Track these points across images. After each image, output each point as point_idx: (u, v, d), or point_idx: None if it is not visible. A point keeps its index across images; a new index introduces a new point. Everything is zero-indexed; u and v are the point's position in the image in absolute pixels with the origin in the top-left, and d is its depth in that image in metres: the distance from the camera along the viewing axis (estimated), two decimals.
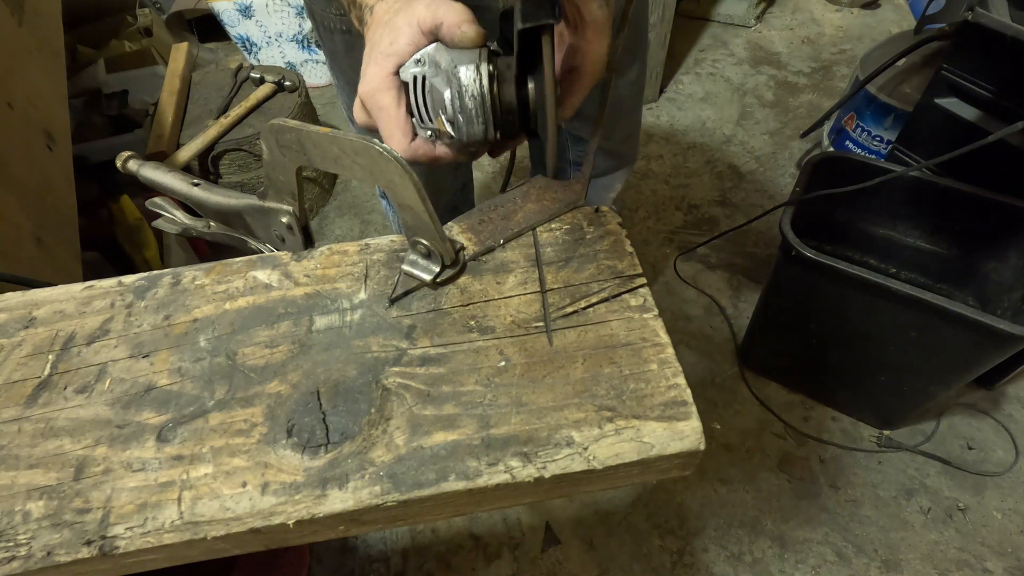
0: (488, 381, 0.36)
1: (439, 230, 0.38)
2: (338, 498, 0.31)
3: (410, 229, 0.39)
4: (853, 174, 1.17)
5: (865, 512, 1.17)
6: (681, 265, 1.61)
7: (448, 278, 0.41)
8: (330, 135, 0.35)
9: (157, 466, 0.33)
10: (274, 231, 0.44)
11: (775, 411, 1.31)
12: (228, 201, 0.44)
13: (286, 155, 0.38)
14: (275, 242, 0.45)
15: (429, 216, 0.37)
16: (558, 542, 1.17)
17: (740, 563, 1.13)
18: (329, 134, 0.35)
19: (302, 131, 0.36)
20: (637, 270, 0.41)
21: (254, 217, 0.44)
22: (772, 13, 2.43)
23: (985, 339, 0.93)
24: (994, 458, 1.23)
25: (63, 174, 1.05)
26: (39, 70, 1.04)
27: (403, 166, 0.34)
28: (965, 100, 1.13)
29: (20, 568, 0.30)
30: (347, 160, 0.36)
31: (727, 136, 1.96)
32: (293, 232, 0.43)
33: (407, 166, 0.34)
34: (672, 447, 0.32)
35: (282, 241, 0.44)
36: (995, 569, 1.09)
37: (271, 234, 0.44)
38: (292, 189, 0.40)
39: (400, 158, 0.34)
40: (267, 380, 0.37)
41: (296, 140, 0.37)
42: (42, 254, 0.91)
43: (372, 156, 0.34)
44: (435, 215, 0.37)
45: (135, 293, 0.42)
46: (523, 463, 0.32)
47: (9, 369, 0.38)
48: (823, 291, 1.07)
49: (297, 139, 0.36)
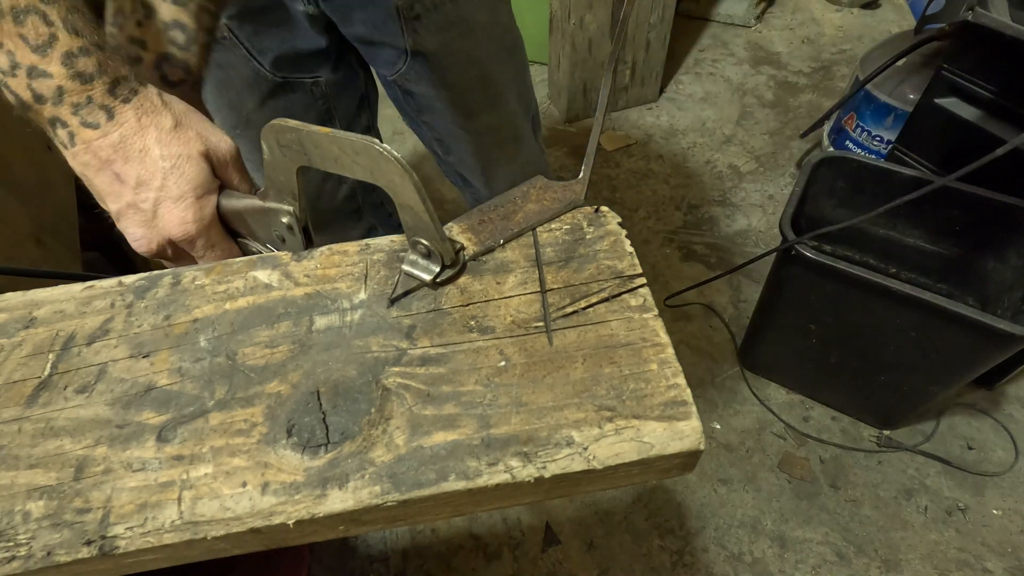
0: (488, 381, 0.36)
1: (439, 230, 0.38)
2: (338, 498, 0.31)
3: (410, 229, 0.39)
4: (854, 175, 1.17)
5: (865, 512, 1.17)
6: (681, 265, 1.61)
7: (448, 278, 0.41)
8: (331, 135, 0.35)
9: (157, 466, 0.33)
10: (274, 231, 0.44)
11: (775, 411, 1.32)
12: (229, 202, 0.44)
13: (286, 155, 0.38)
14: (275, 242, 0.45)
15: (429, 216, 0.37)
16: (558, 542, 1.17)
17: (740, 563, 1.13)
18: (330, 134, 0.35)
19: (302, 131, 0.36)
20: (637, 270, 0.41)
21: (254, 218, 0.44)
22: (772, 13, 2.43)
23: (985, 339, 0.93)
24: (994, 458, 1.23)
25: (63, 174, 1.05)
26: None
27: (403, 166, 0.34)
28: (965, 100, 1.13)
29: (20, 568, 0.30)
30: (347, 160, 0.36)
31: (727, 136, 1.96)
32: (294, 232, 0.43)
33: (407, 166, 0.34)
34: (672, 447, 0.32)
35: (282, 241, 0.44)
36: (995, 569, 1.09)
37: (271, 234, 0.44)
38: (292, 189, 0.40)
39: (400, 158, 0.34)
40: (267, 380, 0.37)
41: (296, 140, 0.37)
42: (42, 254, 0.91)
43: (373, 156, 0.34)
44: (435, 215, 0.37)
45: (135, 293, 0.42)
46: (523, 463, 0.32)
47: (9, 369, 0.38)
48: (823, 291, 1.07)
49: (297, 139, 0.36)
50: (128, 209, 0.41)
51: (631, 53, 1.93)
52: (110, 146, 0.39)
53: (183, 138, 0.40)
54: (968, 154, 0.87)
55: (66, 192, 1.04)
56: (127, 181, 0.39)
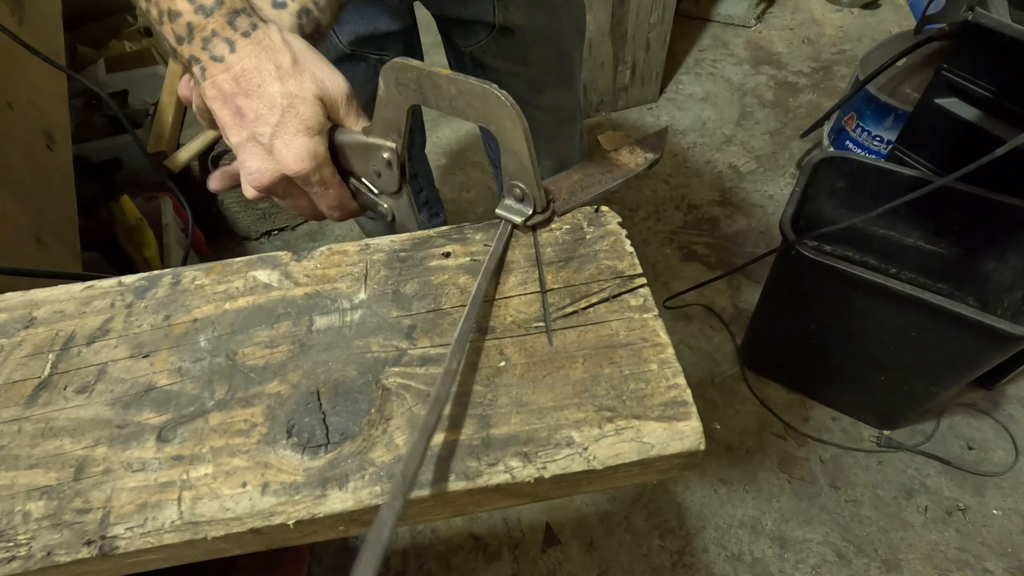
0: (488, 381, 0.36)
1: (538, 178, 0.41)
2: (338, 498, 0.31)
3: (509, 174, 0.41)
4: (854, 175, 1.17)
5: (865, 512, 1.17)
6: (681, 265, 1.61)
7: (536, 223, 0.43)
8: (451, 76, 0.37)
9: (157, 466, 0.33)
10: (372, 166, 0.45)
11: (775, 411, 1.31)
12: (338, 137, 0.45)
13: (402, 92, 0.40)
14: (371, 176, 0.46)
15: (532, 163, 0.39)
16: (558, 542, 1.17)
17: (740, 563, 1.13)
18: (451, 75, 0.37)
19: (423, 71, 0.38)
20: (637, 270, 0.41)
21: (356, 151, 0.45)
22: (772, 13, 2.43)
23: (985, 339, 0.93)
24: (994, 458, 1.23)
25: (63, 174, 1.05)
26: (39, 70, 1.04)
27: (518, 112, 0.36)
28: (965, 100, 1.13)
29: (20, 568, 0.30)
30: (462, 101, 0.38)
31: (727, 136, 1.96)
32: (391, 168, 0.44)
33: (520, 112, 0.36)
34: (672, 447, 0.32)
35: (378, 176, 0.46)
36: (995, 569, 1.09)
37: (369, 169, 0.46)
38: (400, 127, 0.42)
39: (514, 103, 0.36)
40: (267, 380, 0.37)
41: (415, 79, 0.39)
42: (42, 254, 0.91)
43: (490, 100, 0.36)
44: (536, 163, 0.40)
45: (135, 293, 0.42)
46: (523, 463, 0.32)
47: (9, 369, 0.38)
48: (823, 291, 1.07)
49: (416, 78, 0.38)
50: (247, 142, 0.42)
51: (631, 53, 1.93)
52: (232, 79, 0.40)
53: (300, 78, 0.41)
54: (968, 154, 0.87)
55: (66, 192, 1.04)
56: (247, 115, 0.41)
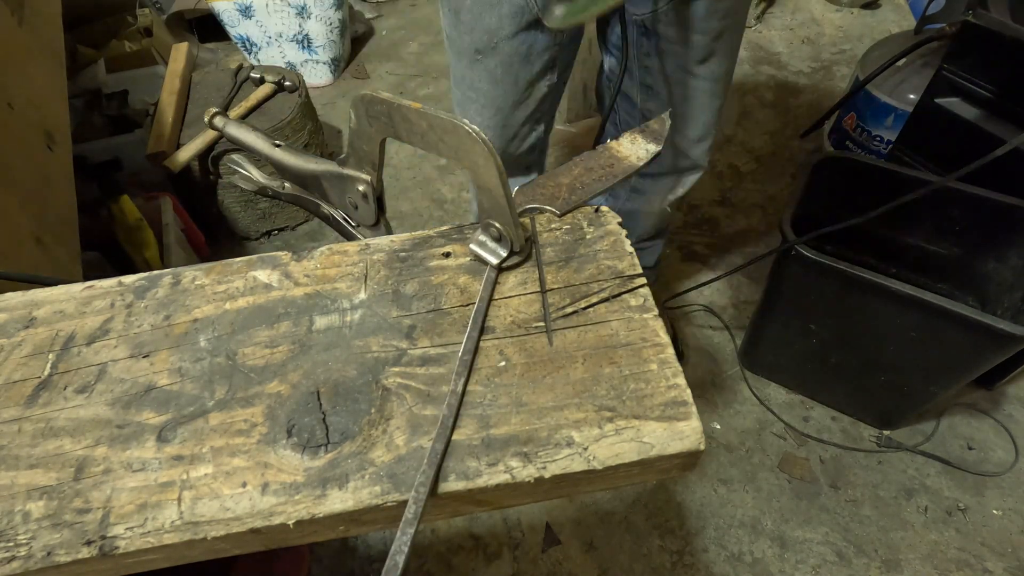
0: (488, 381, 0.36)
1: (514, 216, 0.39)
2: (338, 498, 0.31)
3: (485, 212, 0.40)
4: (854, 175, 1.17)
5: (865, 512, 1.17)
6: (681, 265, 1.61)
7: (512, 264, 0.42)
8: (421, 110, 0.36)
9: (157, 466, 0.33)
10: (348, 198, 0.45)
11: (775, 411, 1.31)
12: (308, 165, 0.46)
13: (373, 125, 0.39)
14: (348, 209, 0.46)
15: (507, 201, 0.38)
16: (558, 542, 1.17)
17: (740, 563, 1.13)
18: (421, 109, 0.36)
19: (393, 104, 0.37)
20: (637, 270, 0.41)
21: (331, 182, 0.45)
22: (772, 13, 2.43)
23: (985, 339, 0.93)
24: (994, 458, 1.23)
25: (63, 174, 1.05)
26: (39, 70, 1.04)
27: (489, 148, 0.35)
28: (965, 100, 1.13)
29: (20, 568, 0.30)
30: (434, 136, 0.37)
31: (727, 136, 1.96)
32: (367, 201, 0.44)
33: (493, 149, 0.35)
34: (672, 447, 0.32)
35: (355, 208, 0.45)
36: (995, 569, 1.09)
37: (345, 200, 0.46)
38: (374, 159, 0.42)
39: (487, 140, 0.35)
40: (267, 380, 0.37)
41: (386, 112, 0.38)
42: (42, 254, 0.91)
43: (460, 135, 0.35)
44: (512, 201, 0.38)
45: (135, 293, 0.42)
46: (523, 463, 0.32)
47: (9, 369, 0.38)
48: (823, 291, 1.07)
49: (387, 111, 0.38)
50: None
51: None
52: None
53: None
54: (968, 154, 0.87)
55: (66, 192, 1.04)
56: None
